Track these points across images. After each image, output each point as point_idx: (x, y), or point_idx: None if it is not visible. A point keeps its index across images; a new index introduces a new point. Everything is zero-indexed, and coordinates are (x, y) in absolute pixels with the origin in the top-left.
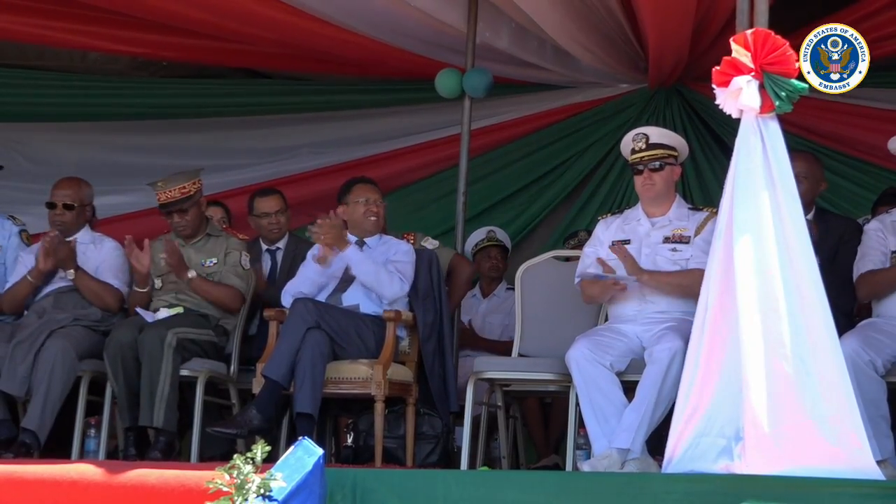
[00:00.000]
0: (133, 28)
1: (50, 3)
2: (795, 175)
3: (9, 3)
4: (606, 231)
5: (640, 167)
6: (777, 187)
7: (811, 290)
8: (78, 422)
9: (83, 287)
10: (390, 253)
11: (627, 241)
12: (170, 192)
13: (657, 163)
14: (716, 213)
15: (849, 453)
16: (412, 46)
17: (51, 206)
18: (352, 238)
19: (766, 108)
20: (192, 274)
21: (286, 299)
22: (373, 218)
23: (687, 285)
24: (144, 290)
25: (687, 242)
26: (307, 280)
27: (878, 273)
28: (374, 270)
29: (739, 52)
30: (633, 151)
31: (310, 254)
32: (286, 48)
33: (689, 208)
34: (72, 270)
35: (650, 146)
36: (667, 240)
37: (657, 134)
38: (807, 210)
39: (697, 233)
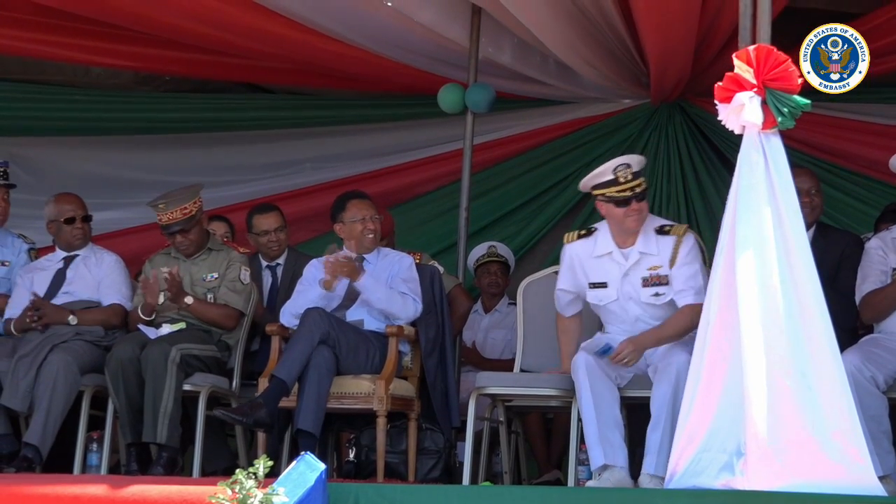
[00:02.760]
0: (136, 43)
1: (53, 17)
2: (807, 191)
3: (11, 18)
4: (574, 258)
5: (628, 198)
6: (779, 203)
7: (813, 306)
8: (80, 436)
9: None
10: (393, 269)
11: (604, 284)
12: (171, 213)
13: (641, 191)
14: (683, 232)
15: (850, 469)
16: (415, 62)
17: (70, 221)
18: (350, 254)
19: (768, 123)
20: (188, 300)
21: (286, 318)
22: (371, 235)
23: (683, 328)
24: (149, 319)
25: (666, 283)
26: (309, 303)
27: (879, 292)
28: (388, 296)
29: (742, 68)
30: (617, 183)
31: (312, 276)
32: (289, 63)
33: (656, 231)
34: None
35: (635, 175)
36: (646, 282)
37: (637, 161)
38: (807, 226)
39: (672, 263)
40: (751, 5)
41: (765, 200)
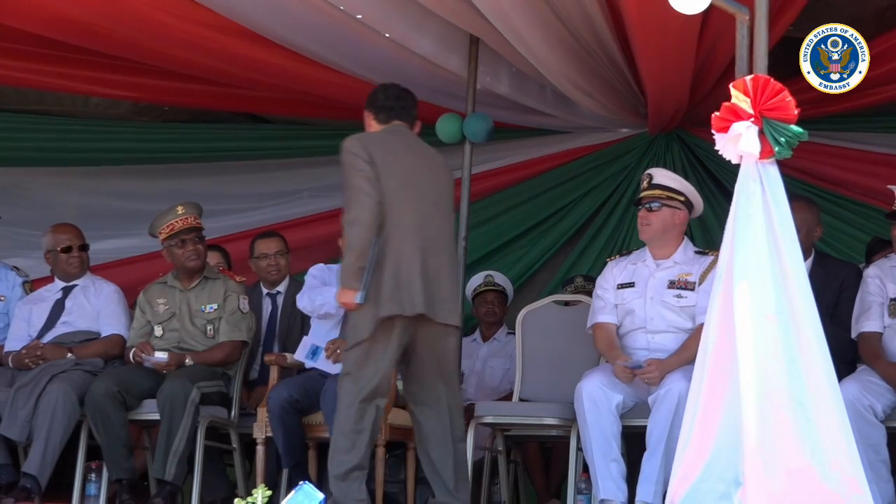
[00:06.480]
0: (134, 73)
1: (51, 48)
2: None
3: (10, 49)
4: (613, 271)
5: (637, 205)
6: (777, 232)
7: (811, 335)
8: (79, 466)
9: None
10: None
11: (632, 284)
12: (188, 218)
13: (656, 203)
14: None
15: (849, 499)
16: (413, 92)
17: (67, 250)
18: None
19: (765, 153)
20: (189, 361)
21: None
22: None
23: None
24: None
25: (692, 289)
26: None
27: (876, 357)
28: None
29: (739, 98)
30: (640, 189)
31: (318, 279)
32: (287, 93)
33: (696, 252)
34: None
35: (651, 185)
36: (671, 284)
37: (661, 175)
38: (804, 257)
39: (702, 280)
40: (747, 35)
41: (762, 230)
